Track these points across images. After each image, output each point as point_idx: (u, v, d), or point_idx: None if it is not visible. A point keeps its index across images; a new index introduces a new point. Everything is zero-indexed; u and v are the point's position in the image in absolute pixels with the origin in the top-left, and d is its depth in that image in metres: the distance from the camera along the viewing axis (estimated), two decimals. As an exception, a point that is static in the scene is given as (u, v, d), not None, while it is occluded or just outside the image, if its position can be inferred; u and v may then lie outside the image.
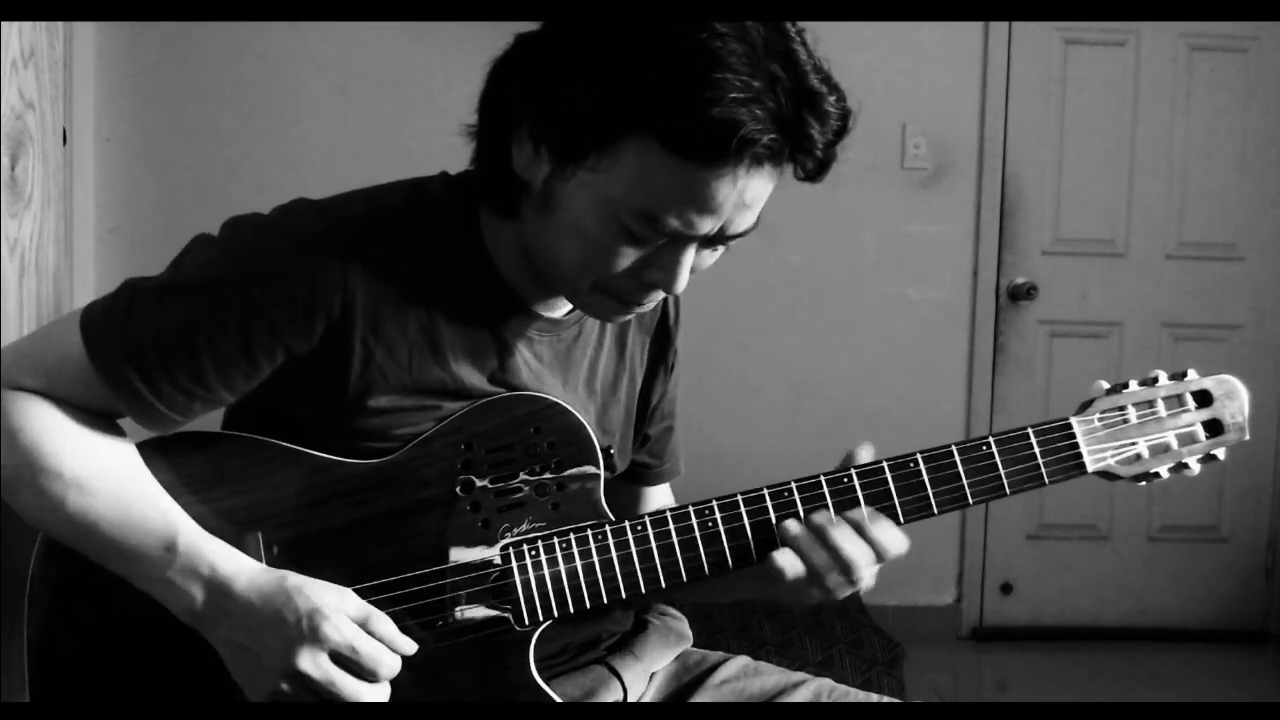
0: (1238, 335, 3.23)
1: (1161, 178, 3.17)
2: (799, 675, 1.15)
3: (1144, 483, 1.01)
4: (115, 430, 0.94)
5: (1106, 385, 1.00)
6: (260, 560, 0.91)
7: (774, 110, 0.81)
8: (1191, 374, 1.02)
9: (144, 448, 0.94)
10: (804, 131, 0.83)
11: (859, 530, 0.93)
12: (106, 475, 0.90)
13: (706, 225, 0.86)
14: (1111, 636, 3.22)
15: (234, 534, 0.91)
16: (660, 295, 0.93)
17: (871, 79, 2.75)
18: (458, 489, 0.94)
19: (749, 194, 0.85)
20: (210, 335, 0.88)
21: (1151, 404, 1.00)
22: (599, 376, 1.08)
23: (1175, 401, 1.00)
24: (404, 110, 2.85)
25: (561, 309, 1.03)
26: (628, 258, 0.88)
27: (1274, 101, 3.17)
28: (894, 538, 0.94)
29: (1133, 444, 0.98)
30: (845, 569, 0.92)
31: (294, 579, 0.88)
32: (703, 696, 1.13)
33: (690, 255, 0.89)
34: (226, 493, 0.93)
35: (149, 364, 0.88)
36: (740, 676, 1.15)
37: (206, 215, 0.98)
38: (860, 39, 2.81)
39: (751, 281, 2.98)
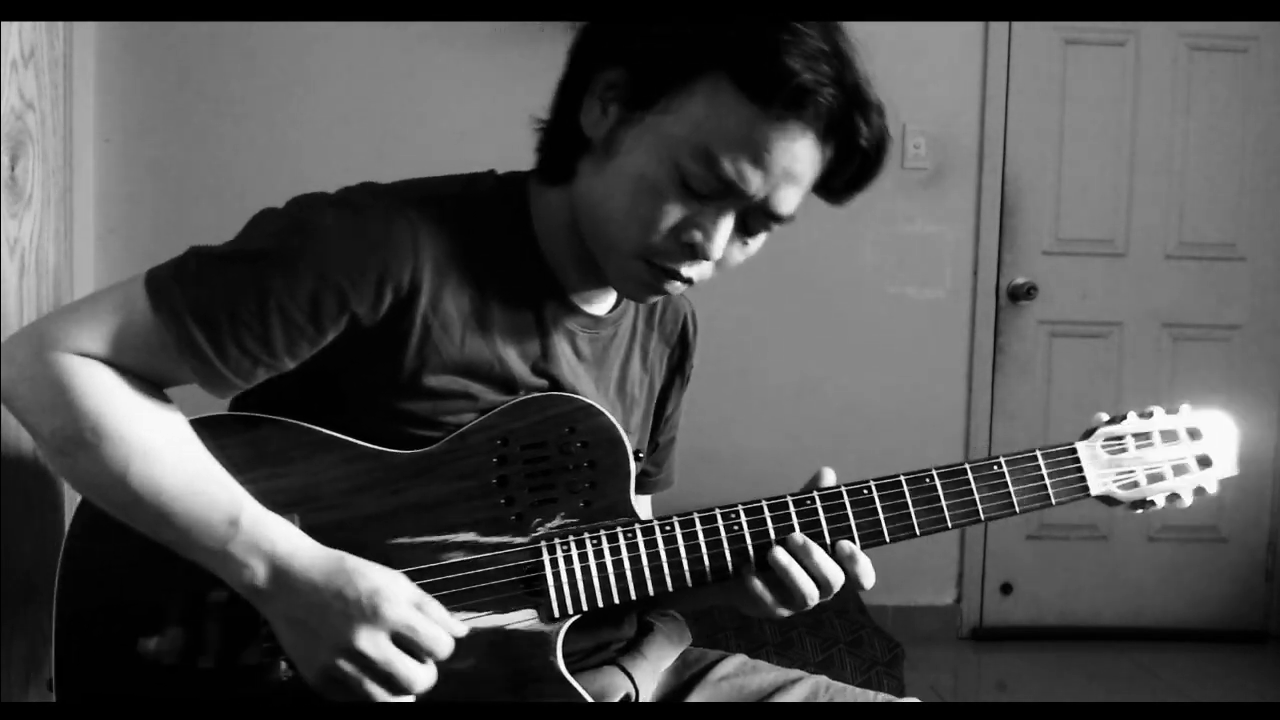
0: (1238, 335, 3.23)
1: (1161, 178, 3.17)
2: (795, 672, 1.18)
3: (1140, 510, 1.06)
4: (171, 402, 0.94)
5: (1106, 416, 1.06)
6: None
7: (836, 77, 0.89)
8: (1185, 409, 1.09)
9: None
10: (853, 119, 0.91)
11: (847, 560, 0.97)
12: (171, 445, 0.90)
13: (756, 181, 0.90)
14: (1111, 636, 3.22)
15: None
16: (694, 271, 0.96)
17: (871, 79, 2.74)
18: (493, 482, 0.96)
19: (798, 163, 0.91)
20: (281, 303, 0.89)
21: (1148, 435, 1.06)
22: (628, 380, 1.12)
23: (1170, 435, 1.07)
24: (404, 112, 2.85)
25: (603, 306, 1.07)
26: (675, 208, 0.92)
27: (1274, 101, 3.17)
28: (867, 570, 0.98)
29: (1131, 472, 1.05)
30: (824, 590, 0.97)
31: (352, 559, 0.89)
32: (702, 692, 1.14)
33: (730, 222, 0.93)
34: (266, 474, 0.93)
35: (218, 327, 0.89)
36: (738, 673, 1.17)
37: (206, 215, 0.98)
38: (860, 39, 2.81)
39: (752, 281, 2.98)
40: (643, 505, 1.22)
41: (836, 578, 0.97)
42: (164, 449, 0.89)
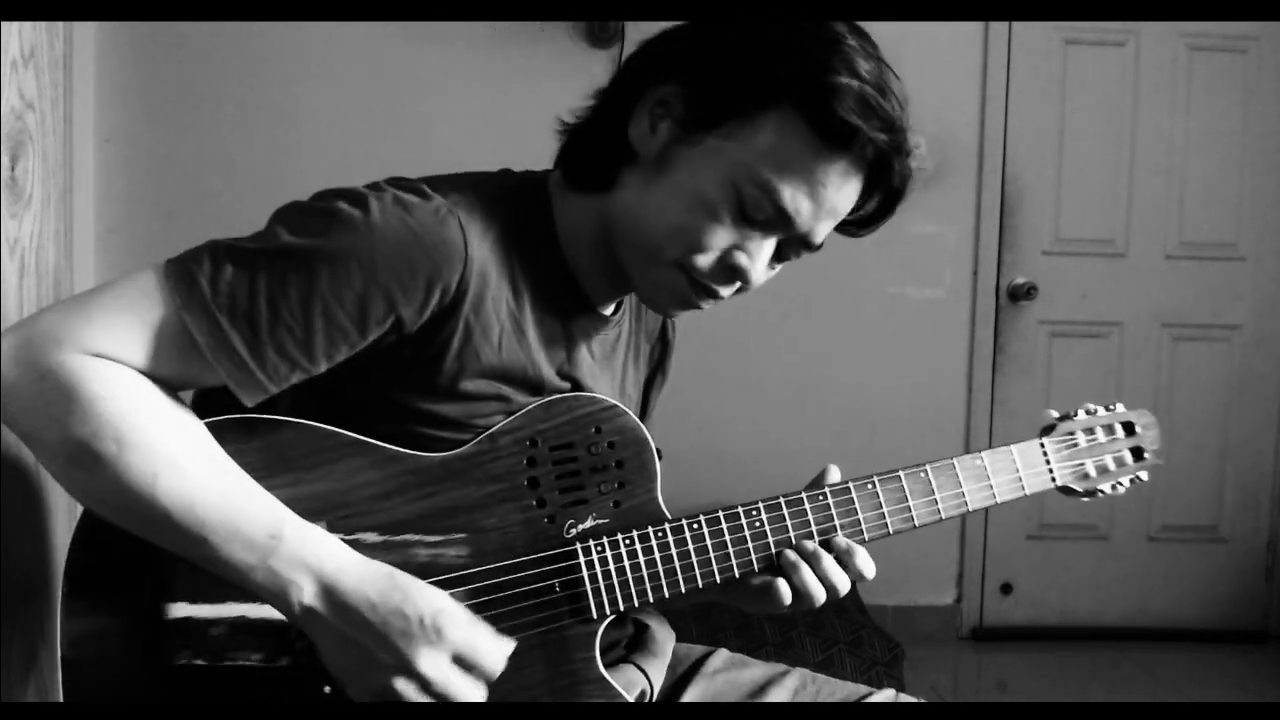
0: (1238, 335, 3.23)
1: (1161, 178, 3.17)
2: (781, 666, 1.21)
3: (1088, 499, 1.17)
4: (188, 406, 0.88)
5: (1056, 414, 1.17)
6: None
7: (892, 123, 0.92)
8: (1119, 407, 1.20)
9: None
10: (893, 163, 0.94)
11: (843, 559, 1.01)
12: (202, 455, 0.84)
13: (805, 213, 0.94)
14: (1111, 636, 3.22)
15: None
16: (725, 290, 0.98)
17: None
18: (524, 484, 0.96)
19: (844, 201, 0.96)
20: (326, 303, 0.84)
21: (1093, 431, 1.16)
22: (627, 379, 1.13)
23: (1110, 430, 1.18)
24: (405, 112, 2.85)
25: (609, 308, 1.07)
26: (726, 230, 0.94)
27: (1274, 101, 3.17)
28: (867, 564, 1.02)
29: (1082, 464, 1.15)
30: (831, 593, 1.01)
31: (401, 575, 0.87)
32: (698, 685, 1.16)
33: (771, 248, 0.97)
34: (290, 480, 0.89)
35: (257, 329, 0.83)
36: (728, 667, 1.19)
37: (206, 215, 0.98)
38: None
39: (751, 281, 2.97)
40: None
41: (843, 585, 1.00)
42: (194, 458, 0.83)
